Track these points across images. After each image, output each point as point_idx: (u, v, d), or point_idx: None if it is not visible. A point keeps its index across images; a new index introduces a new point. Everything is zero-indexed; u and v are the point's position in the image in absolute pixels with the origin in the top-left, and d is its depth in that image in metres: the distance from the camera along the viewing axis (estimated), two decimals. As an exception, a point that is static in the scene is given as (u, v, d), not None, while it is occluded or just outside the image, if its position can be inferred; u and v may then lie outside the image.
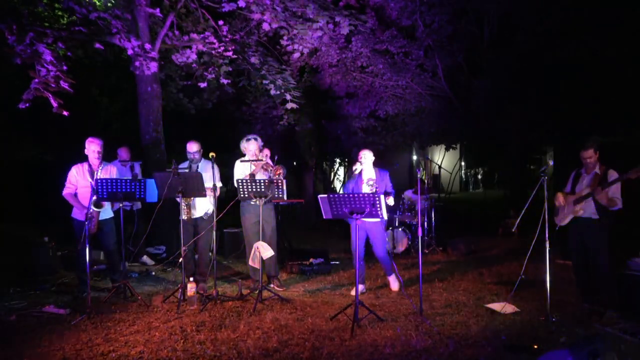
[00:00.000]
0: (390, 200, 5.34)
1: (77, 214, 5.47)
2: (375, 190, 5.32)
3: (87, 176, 5.42)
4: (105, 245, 5.70)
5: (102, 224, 5.54)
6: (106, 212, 5.56)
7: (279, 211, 6.14)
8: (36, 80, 6.48)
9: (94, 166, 5.47)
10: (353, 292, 5.53)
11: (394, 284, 5.80)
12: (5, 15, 6.35)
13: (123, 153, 7.44)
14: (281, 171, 5.47)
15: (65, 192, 5.45)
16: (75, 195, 5.45)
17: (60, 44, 6.73)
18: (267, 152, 6.12)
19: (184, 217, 5.53)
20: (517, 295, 5.00)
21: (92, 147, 5.43)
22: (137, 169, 7.31)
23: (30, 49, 6.35)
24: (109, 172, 5.54)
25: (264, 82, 8.23)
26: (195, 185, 5.15)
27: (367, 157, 5.59)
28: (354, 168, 5.59)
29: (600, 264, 4.65)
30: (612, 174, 4.55)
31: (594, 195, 4.53)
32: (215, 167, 5.61)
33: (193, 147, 5.78)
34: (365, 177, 5.59)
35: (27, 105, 6.55)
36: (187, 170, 5.67)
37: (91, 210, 5.23)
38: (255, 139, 5.79)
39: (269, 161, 5.67)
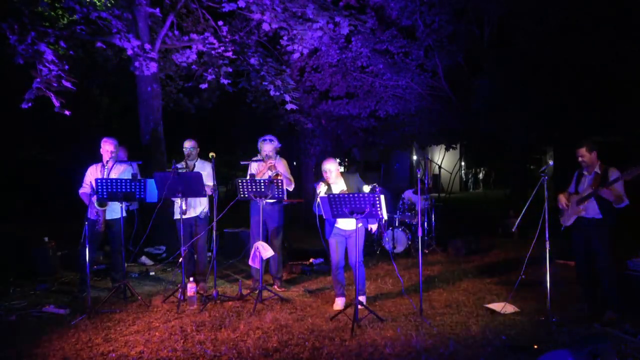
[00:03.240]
0: (365, 188, 4.95)
1: (92, 214, 5.49)
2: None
3: (99, 175, 5.46)
4: (112, 244, 5.72)
5: (111, 224, 5.56)
6: (115, 211, 5.57)
7: (285, 212, 6.17)
8: (38, 79, 6.49)
9: (107, 166, 5.52)
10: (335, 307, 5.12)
11: (362, 298, 5.00)
12: (6, 14, 6.35)
13: (121, 152, 7.41)
14: (281, 178, 5.48)
15: (81, 191, 5.52)
16: (90, 194, 5.47)
17: (61, 42, 6.74)
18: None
19: (177, 216, 5.56)
20: (517, 295, 5.01)
21: (106, 147, 5.52)
22: (135, 169, 7.29)
23: (32, 48, 6.35)
24: (119, 171, 5.56)
25: (264, 83, 8.24)
26: (195, 185, 5.15)
27: (332, 170, 4.92)
28: (318, 191, 4.84)
29: (603, 264, 4.63)
30: (614, 173, 4.53)
31: (597, 194, 4.51)
32: (207, 166, 5.65)
33: (190, 143, 5.81)
34: (336, 190, 4.97)
35: (30, 104, 6.56)
36: (185, 169, 5.68)
37: (96, 209, 5.24)
38: (271, 140, 5.81)
39: (277, 164, 5.70)
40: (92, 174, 5.52)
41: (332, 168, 4.91)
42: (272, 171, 5.59)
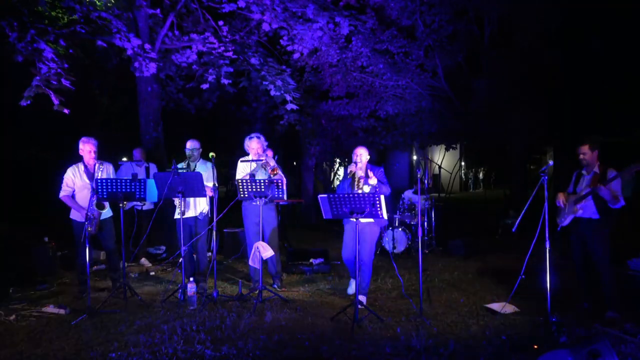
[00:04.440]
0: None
1: (76, 215, 5.45)
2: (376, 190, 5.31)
3: (84, 177, 5.40)
4: (105, 245, 5.70)
5: (101, 224, 5.53)
6: (105, 212, 5.56)
7: (279, 211, 6.14)
8: (37, 77, 6.49)
9: (90, 167, 5.43)
10: (349, 290, 5.59)
11: (362, 298, 5.16)
12: (5, 13, 6.35)
13: (137, 154, 7.46)
14: (278, 172, 5.46)
15: (62, 194, 5.41)
16: (73, 196, 5.43)
17: (61, 41, 6.74)
18: (270, 153, 6.12)
19: (176, 216, 5.56)
20: (517, 295, 5.00)
21: (87, 148, 5.38)
22: (154, 171, 7.31)
23: (31, 46, 6.35)
24: (106, 171, 5.52)
25: (264, 83, 8.24)
26: (195, 185, 5.15)
27: (363, 155, 5.27)
28: (349, 170, 5.25)
29: (602, 263, 4.63)
30: (612, 172, 4.54)
31: (596, 192, 4.50)
32: (213, 167, 5.64)
33: (192, 144, 5.79)
34: (356, 175, 5.27)
35: (28, 102, 6.56)
36: (185, 169, 5.68)
37: (93, 211, 5.23)
38: (258, 137, 5.76)
39: (269, 161, 5.66)
40: (75, 175, 5.41)
41: (364, 153, 5.27)
42: (267, 168, 5.56)
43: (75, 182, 5.39)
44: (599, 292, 4.77)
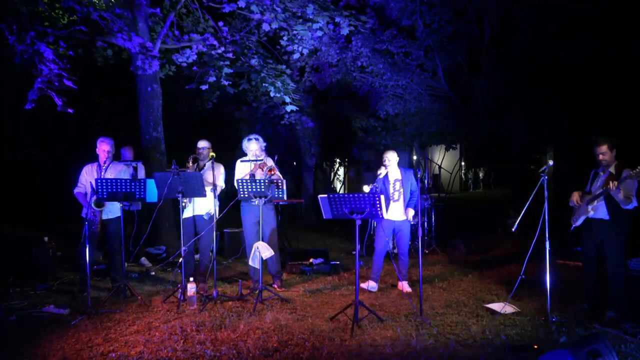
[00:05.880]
0: (410, 213, 5.59)
1: (89, 214, 5.50)
2: (400, 193, 5.63)
3: (95, 175, 5.48)
4: (110, 244, 5.72)
5: (107, 223, 5.57)
6: (113, 211, 5.58)
7: (279, 211, 6.14)
8: (39, 79, 6.48)
9: (103, 166, 5.53)
10: (364, 286, 5.76)
11: (406, 288, 5.81)
12: (5, 15, 6.34)
13: (127, 153, 7.45)
14: (276, 171, 5.48)
15: (76, 190, 5.53)
16: (86, 194, 5.48)
17: (61, 42, 6.73)
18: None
19: (184, 215, 5.57)
20: (517, 295, 5.01)
21: (102, 147, 5.54)
22: (142, 171, 7.30)
23: (32, 48, 6.35)
24: (117, 171, 5.57)
25: (264, 84, 8.23)
26: (195, 185, 5.15)
27: (391, 159, 5.67)
28: (378, 172, 5.67)
29: (613, 264, 4.58)
30: (627, 172, 4.42)
31: (609, 191, 4.44)
32: (218, 167, 5.66)
33: (204, 143, 5.90)
34: (391, 178, 5.71)
35: (33, 105, 6.55)
36: (187, 169, 5.70)
37: (92, 209, 5.24)
38: (257, 139, 5.80)
39: (266, 161, 5.68)
40: (88, 173, 5.52)
41: (392, 157, 5.70)
42: (264, 168, 5.56)
43: (88, 179, 5.47)
44: (600, 293, 4.76)
